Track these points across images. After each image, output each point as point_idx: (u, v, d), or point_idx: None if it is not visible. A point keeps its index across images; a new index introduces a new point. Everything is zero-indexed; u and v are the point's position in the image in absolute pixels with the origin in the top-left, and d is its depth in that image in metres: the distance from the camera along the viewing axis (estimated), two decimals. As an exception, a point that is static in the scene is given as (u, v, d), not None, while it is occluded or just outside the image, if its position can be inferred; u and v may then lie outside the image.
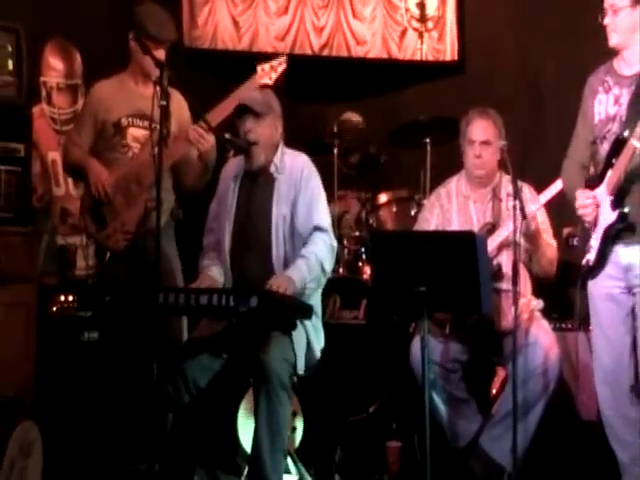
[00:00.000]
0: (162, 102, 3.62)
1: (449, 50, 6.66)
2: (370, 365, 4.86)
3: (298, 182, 3.98)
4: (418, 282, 3.75)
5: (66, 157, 4.45)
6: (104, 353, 4.31)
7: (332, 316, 4.89)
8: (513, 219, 3.98)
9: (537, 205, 4.28)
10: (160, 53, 4.18)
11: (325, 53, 6.51)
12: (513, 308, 3.97)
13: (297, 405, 4.18)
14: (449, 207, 4.50)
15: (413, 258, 3.81)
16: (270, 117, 4.02)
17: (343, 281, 5.08)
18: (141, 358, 3.78)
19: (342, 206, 5.34)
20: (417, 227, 4.63)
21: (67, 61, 5.60)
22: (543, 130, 5.88)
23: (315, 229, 3.96)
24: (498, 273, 4.29)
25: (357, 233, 5.29)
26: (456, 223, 4.45)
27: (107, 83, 4.39)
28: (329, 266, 3.98)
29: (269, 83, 4.23)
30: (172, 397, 3.77)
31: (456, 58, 6.65)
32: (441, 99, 6.27)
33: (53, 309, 4.78)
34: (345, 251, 5.25)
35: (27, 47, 4.42)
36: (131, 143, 4.28)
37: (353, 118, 5.76)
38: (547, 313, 4.52)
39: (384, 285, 3.98)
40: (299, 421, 4.15)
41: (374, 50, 6.58)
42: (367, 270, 5.13)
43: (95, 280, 4.61)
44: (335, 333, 4.18)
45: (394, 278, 3.87)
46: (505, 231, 4.29)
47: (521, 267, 4.12)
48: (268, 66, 4.26)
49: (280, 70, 4.24)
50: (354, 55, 6.57)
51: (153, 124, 3.78)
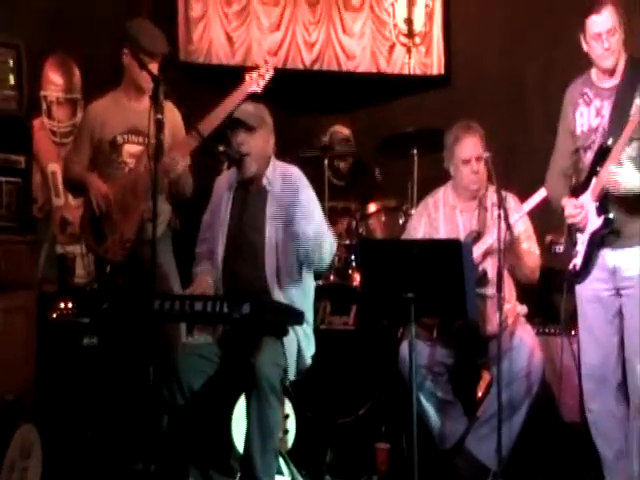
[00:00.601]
0: (158, 116, 3.63)
1: (436, 64, 6.68)
2: (360, 369, 4.84)
3: (290, 194, 3.95)
4: (406, 288, 3.75)
5: (66, 174, 4.44)
6: (102, 358, 4.30)
7: (323, 321, 4.88)
8: (498, 228, 4.00)
9: (520, 213, 4.30)
10: (153, 67, 4.16)
11: (316, 67, 6.52)
12: (498, 313, 3.99)
13: (289, 408, 4.17)
14: (436, 216, 4.51)
15: (401, 265, 3.81)
16: (262, 130, 4.01)
17: (333, 287, 5.07)
18: (137, 362, 3.77)
19: (332, 216, 5.34)
20: (405, 235, 4.64)
21: (66, 76, 5.60)
22: (527, 140, 5.89)
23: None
24: (483, 279, 4.30)
25: (347, 241, 5.28)
26: (443, 231, 4.45)
27: (101, 102, 4.37)
28: (328, 248, 3.94)
29: (258, 91, 4.22)
30: (167, 400, 3.76)
31: (442, 72, 6.67)
32: (428, 111, 6.28)
33: (53, 315, 4.77)
34: (335, 259, 5.23)
35: (28, 62, 4.42)
36: (127, 159, 4.27)
37: (342, 130, 5.77)
38: (531, 318, 4.54)
39: (373, 291, 3.98)
40: (291, 423, 4.14)
41: (363, 64, 6.60)
42: (357, 277, 5.10)
43: (94, 287, 4.60)
44: (326, 338, 4.18)
45: (383, 285, 3.88)
46: (490, 239, 4.30)
47: (505, 274, 4.13)
48: (256, 74, 4.26)
49: (267, 77, 4.22)
50: (344, 69, 6.58)
51: (148, 138, 3.75)
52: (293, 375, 3.89)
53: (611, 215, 3.73)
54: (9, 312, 4.08)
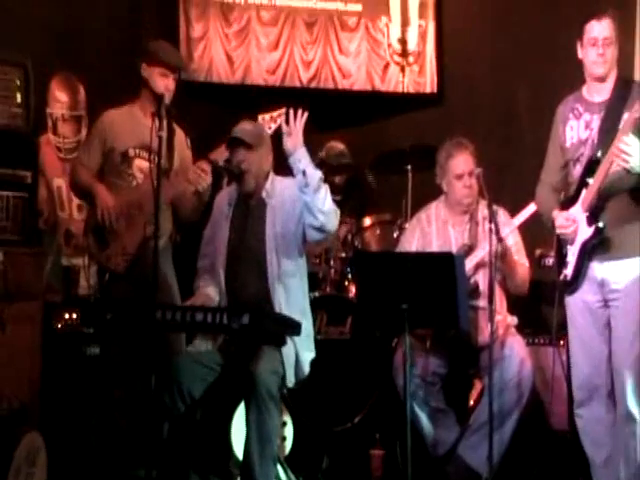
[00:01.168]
0: (160, 133, 3.65)
1: (429, 83, 6.69)
2: (355, 378, 4.85)
3: (289, 204, 3.98)
4: (400, 300, 3.78)
5: (74, 178, 4.40)
6: (105, 367, 4.30)
7: (319, 332, 4.89)
8: (489, 241, 4.02)
9: (510, 227, 4.32)
10: (171, 83, 4.21)
11: (313, 85, 6.53)
12: (489, 324, 4.00)
13: (287, 415, 4.18)
14: (429, 230, 4.52)
15: (395, 277, 3.84)
16: (261, 147, 4.03)
17: (330, 299, 5.08)
18: (139, 371, 3.77)
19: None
20: (399, 249, 4.65)
21: (71, 94, 5.60)
22: (517, 156, 5.90)
23: None
24: (475, 291, 4.32)
25: (343, 254, 5.28)
26: (436, 245, 4.47)
27: (117, 112, 4.36)
28: (330, 204, 3.89)
29: (269, 133, 4.22)
30: (168, 407, 3.78)
31: (435, 90, 6.68)
32: (421, 128, 6.29)
33: (58, 325, 4.77)
34: (332, 271, 5.24)
35: (34, 81, 4.43)
36: (136, 173, 4.26)
37: (337, 146, 5.79)
38: (521, 329, 4.55)
39: (368, 303, 4.01)
40: (289, 430, 4.15)
41: (359, 83, 6.61)
42: (352, 289, 5.12)
43: (97, 298, 4.59)
44: (322, 348, 4.17)
45: (378, 296, 3.90)
46: (481, 252, 4.32)
47: (496, 286, 4.15)
48: (269, 116, 4.23)
49: (279, 121, 4.21)
50: (340, 87, 6.59)
51: (153, 155, 3.77)
52: (291, 383, 3.90)
53: (601, 224, 3.73)
54: (16, 322, 4.07)
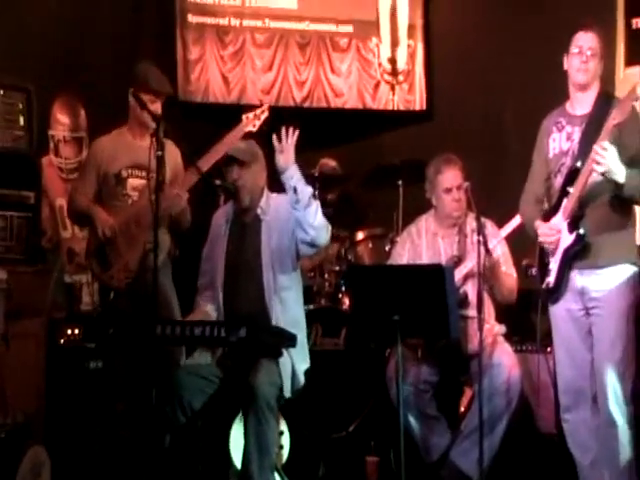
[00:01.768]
0: (158, 153, 3.67)
1: (418, 100, 6.73)
2: (350, 387, 4.86)
3: (284, 220, 3.98)
4: (392, 311, 3.79)
5: (72, 205, 4.44)
6: (107, 380, 4.31)
7: (315, 343, 4.90)
8: (477, 252, 4.04)
9: (498, 239, 4.34)
10: (157, 106, 4.22)
11: (306, 104, 6.56)
12: (478, 333, 4.02)
13: (284, 425, 4.18)
14: (419, 243, 4.54)
15: (387, 289, 3.85)
16: (254, 164, 4.04)
17: (324, 311, 5.10)
18: (141, 384, 3.78)
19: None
20: (391, 261, 4.67)
21: (73, 116, 5.63)
22: (504, 170, 5.92)
23: None
24: (464, 301, 4.32)
25: (337, 267, 5.30)
26: (426, 257, 4.48)
27: (107, 138, 4.40)
28: (321, 220, 3.89)
29: (253, 130, 4.26)
30: (170, 419, 3.78)
31: (424, 107, 6.72)
32: (412, 144, 6.32)
33: (61, 340, 4.77)
34: (326, 284, 5.26)
35: (36, 104, 4.46)
36: (130, 192, 4.29)
37: (329, 162, 5.82)
38: (509, 336, 4.56)
39: (362, 314, 4.02)
40: (286, 439, 4.15)
41: (350, 101, 6.65)
42: (346, 301, 5.13)
43: (100, 314, 4.61)
44: (318, 359, 4.18)
45: (371, 308, 3.92)
46: (470, 263, 4.33)
47: (485, 295, 4.17)
48: (252, 114, 4.30)
49: (263, 117, 4.26)
50: (333, 106, 6.63)
51: (150, 173, 3.80)
52: (289, 393, 3.91)
53: (582, 231, 3.74)
54: (20, 338, 4.09)
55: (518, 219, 4.22)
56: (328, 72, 6.61)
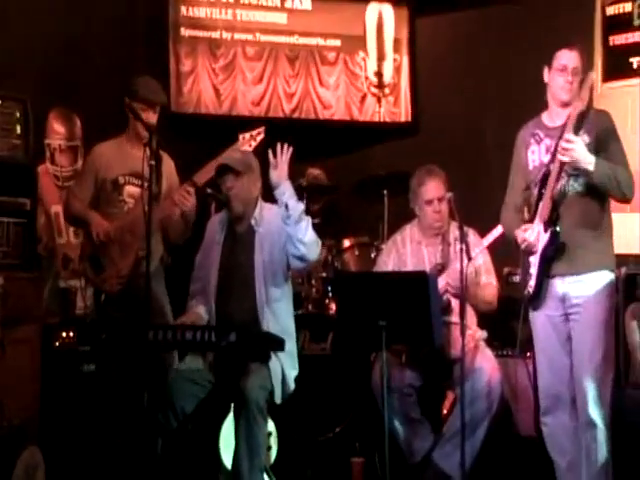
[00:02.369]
0: (151, 162, 3.67)
1: (403, 113, 6.75)
2: (336, 391, 4.87)
3: (276, 233, 3.98)
4: (378, 317, 3.81)
5: (67, 209, 4.45)
6: (101, 384, 4.30)
7: (303, 348, 4.91)
8: (460, 261, 4.06)
9: (480, 247, 4.36)
10: (152, 117, 4.22)
11: (295, 116, 6.56)
12: (460, 339, 4.03)
13: (272, 426, 4.19)
14: (404, 251, 4.56)
15: (373, 296, 3.87)
16: (249, 175, 4.03)
17: (312, 317, 5.11)
18: (133, 388, 3.78)
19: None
20: (376, 269, 4.68)
21: (68, 125, 5.62)
22: (485, 181, 5.92)
23: None
24: (447, 308, 4.34)
25: (324, 274, 5.31)
26: (410, 265, 4.50)
27: (106, 145, 4.41)
28: (311, 236, 3.90)
29: (249, 150, 4.26)
30: (162, 423, 3.78)
31: (410, 119, 6.73)
32: (397, 156, 6.33)
33: (56, 344, 4.75)
34: (313, 290, 5.27)
35: (33, 114, 4.46)
36: (127, 199, 4.30)
37: (314, 172, 5.84)
38: (490, 342, 4.58)
39: (348, 320, 4.03)
40: (274, 440, 4.16)
41: (338, 113, 6.66)
42: (333, 307, 5.14)
43: (93, 318, 4.60)
44: (305, 363, 4.18)
45: (357, 314, 3.93)
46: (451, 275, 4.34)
47: (467, 302, 4.18)
48: (248, 135, 4.29)
49: (259, 139, 4.26)
50: (321, 118, 6.62)
51: (146, 183, 3.81)
52: (279, 398, 3.91)
53: (557, 228, 3.76)
54: (16, 343, 4.07)
55: (500, 229, 4.23)
56: (317, 85, 6.62)
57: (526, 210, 4.02)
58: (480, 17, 6.40)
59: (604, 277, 3.81)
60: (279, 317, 3.98)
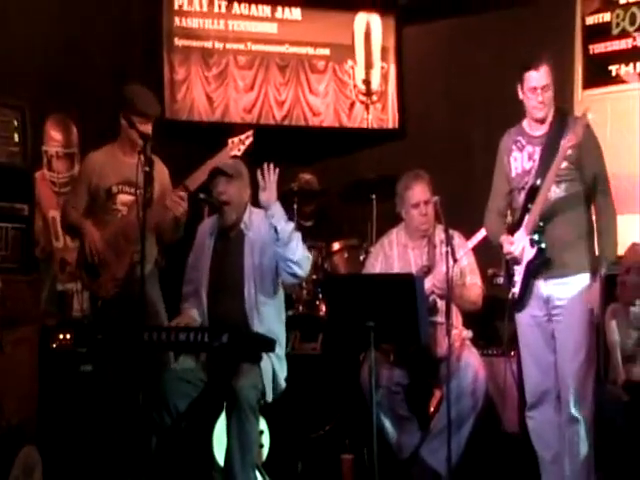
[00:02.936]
0: (145, 168, 3.67)
1: (391, 119, 6.77)
2: (326, 389, 4.88)
3: (265, 236, 3.97)
4: (366, 318, 3.80)
5: (64, 218, 4.45)
6: (97, 384, 4.29)
7: (293, 348, 4.91)
8: (445, 262, 4.06)
9: (465, 249, 4.37)
10: (147, 127, 4.18)
11: (286, 123, 6.58)
12: (447, 338, 4.04)
13: (264, 424, 4.19)
14: (391, 254, 4.56)
15: (362, 297, 3.86)
16: (239, 180, 4.04)
17: (302, 318, 5.11)
18: (129, 388, 3.77)
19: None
20: (365, 271, 4.69)
21: (65, 133, 5.62)
22: (470, 185, 5.92)
23: None
24: (433, 308, 4.34)
25: (314, 276, 5.30)
26: (397, 267, 4.51)
27: (99, 153, 4.38)
28: (301, 253, 3.91)
29: (238, 154, 4.26)
30: (156, 422, 3.78)
31: (397, 126, 6.75)
32: (385, 161, 6.35)
33: (53, 345, 4.75)
34: (304, 292, 5.27)
35: (30, 121, 4.46)
36: (120, 207, 4.28)
37: (305, 176, 5.85)
38: (475, 341, 4.59)
39: (337, 321, 4.03)
40: (265, 438, 4.16)
41: (327, 120, 6.68)
42: (323, 308, 5.14)
43: (90, 320, 4.59)
44: (296, 363, 4.20)
45: (346, 315, 3.93)
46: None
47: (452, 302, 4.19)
48: (237, 139, 4.28)
49: (248, 143, 4.26)
50: (311, 124, 6.64)
51: (139, 190, 3.79)
52: (270, 397, 3.91)
53: (543, 245, 3.80)
54: (15, 344, 4.07)
55: (484, 232, 4.24)
56: (307, 92, 6.63)
57: (509, 213, 4.05)
58: (464, 25, 6.43)
59: (587, 279, 3.83)
60: (265, 320, 3.98)
